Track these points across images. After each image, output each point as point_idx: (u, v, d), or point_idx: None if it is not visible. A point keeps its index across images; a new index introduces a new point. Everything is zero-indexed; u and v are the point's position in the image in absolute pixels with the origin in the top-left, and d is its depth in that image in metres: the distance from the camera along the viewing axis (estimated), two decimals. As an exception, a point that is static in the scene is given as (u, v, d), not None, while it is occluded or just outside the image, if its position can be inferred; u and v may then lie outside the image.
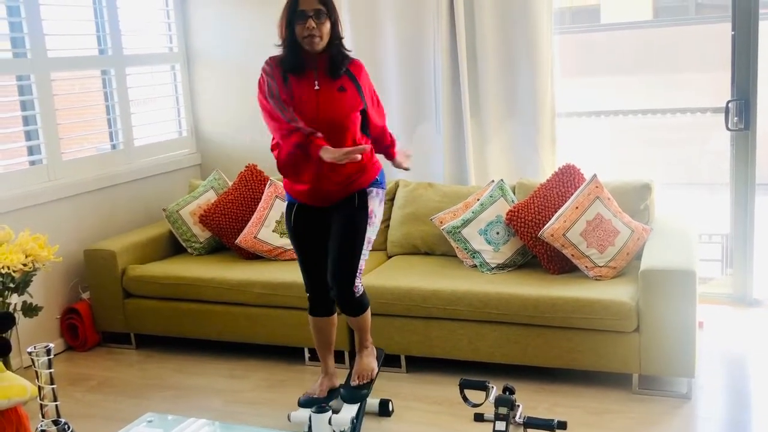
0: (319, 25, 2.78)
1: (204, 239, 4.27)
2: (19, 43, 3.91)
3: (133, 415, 3.22)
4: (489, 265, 3.68)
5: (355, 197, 2.94)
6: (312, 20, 2.77)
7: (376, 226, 3.01)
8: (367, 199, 2.96)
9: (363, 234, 2.94)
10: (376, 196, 2.99)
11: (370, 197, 2.97)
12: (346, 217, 2.95)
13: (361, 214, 2.94)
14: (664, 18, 5.60)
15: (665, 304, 3.12)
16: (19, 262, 3.33)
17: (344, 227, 2.94)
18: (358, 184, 2.94)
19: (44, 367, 1.87)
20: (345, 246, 2.93)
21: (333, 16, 2.83)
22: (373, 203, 2.98)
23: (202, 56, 4.90)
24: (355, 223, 2.94)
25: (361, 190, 2.95)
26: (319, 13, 2.78)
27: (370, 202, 2.97)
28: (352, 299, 2.99)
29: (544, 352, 3.33)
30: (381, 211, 3.04)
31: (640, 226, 3.57)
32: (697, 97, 4.39)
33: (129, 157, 4.54)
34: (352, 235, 2.93)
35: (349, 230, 2.94)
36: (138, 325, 4.05)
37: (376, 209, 2.99)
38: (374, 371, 3.14)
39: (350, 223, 2.94)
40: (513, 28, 4.09)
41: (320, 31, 2.79)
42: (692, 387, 3.22)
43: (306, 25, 2.77)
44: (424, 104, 4.33)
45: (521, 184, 3.93)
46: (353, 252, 2.93)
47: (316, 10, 2.77)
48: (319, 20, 2.78)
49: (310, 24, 2.77)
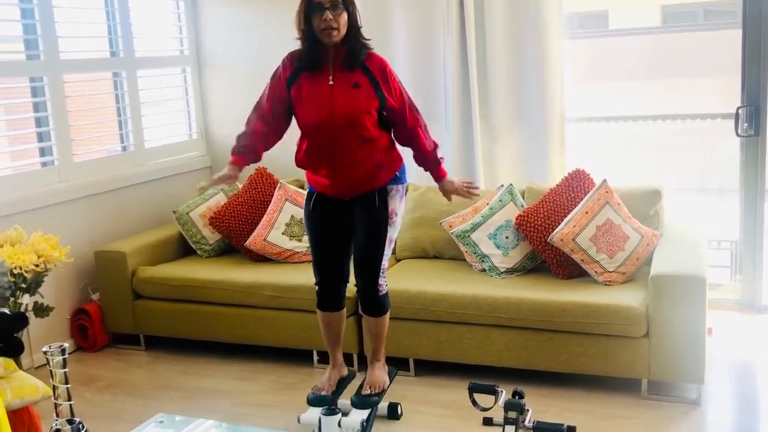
0: (336, 16, 2.78)
1: (214, 241, 4.29)
2: (33, 45, 3.94)
3: (141, 416, 3.23)
4: (498, 269, 3.68)
5: (375, 195, 2.95)
6: (329, 12, 2.77)
7: (398, 224, 3.03)
8: (387, 197, 2.96)
9: (385, 234, 2.96)
10: (396, 194, 2.99)
11: (390, 195, 2.97)
12: (368, 217, 2.96)
13: (382, 215, 2.95)
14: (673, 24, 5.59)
15: (675, 310, 3.11)
16: (31, 262, 3.35)
17: (367, 227, 2.97)
18: (377, 181, 2.94)
19: (59, 367, 1.88)
20: (368, 246, 2.97)
21: (350, 7, 2.83)
22: (393, 202, 2.98)
23: (212, 59, 4.92)
24: (377, 224, 2.96)
25: (380, 188, 2.95)
26: (336, 5, 2.78)
27: (390, 201, 2.97)
28: (375, 297, 3.04)
29: (553, 356, 3.33)
30: (402, 207, 3.05)
31: (650, 232, 3.57)
32: (707, 103, 4.38)
33: (139, 159, 4.56)
34: (375, 235, 2.96)
35: (371, 230, 2.96)
36: (147, 327, 4.06)
37: (397, 207, 3.00)
38: (386, 384, 3.16)
39: (372, 223, 2.96)
40: (523, 33, 4.10)
41: (337, 22, 2.78)
42: (701, 393, 3.21)
43: (323, 17, 2.77)
44: (433, 108, 4.34)
45: (530, 189, 3.93)
46: (376, 252, 2.97)
47: (332, 2, 2.77)
48: (335, 11, 2.78)
49: (326, 16, 2.77)
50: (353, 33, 2.85)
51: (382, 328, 3.14)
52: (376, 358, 3.19)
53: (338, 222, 3.03)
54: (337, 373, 3.20)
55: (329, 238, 3.05)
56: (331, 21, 2.77)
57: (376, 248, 2.97)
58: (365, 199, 2.96)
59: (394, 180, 2.99)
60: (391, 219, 2.98)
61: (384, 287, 3.05)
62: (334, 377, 3.19)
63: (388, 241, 2.98)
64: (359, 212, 2.99)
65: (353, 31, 2.85)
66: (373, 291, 3.03)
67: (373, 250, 2.97)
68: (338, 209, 3.01)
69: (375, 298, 3.04)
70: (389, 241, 2.99)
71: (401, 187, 3.02)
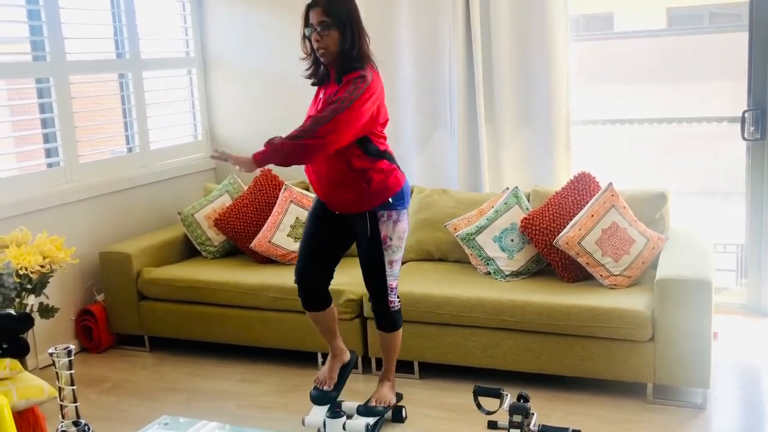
0: (324, 36, 2.78)
1: (218, 243, 4.29)
2: (39, 47, 3.95)
3: (146, 418, 3.24)
4: (503, 272, 3.67)
5: (367, 220, 2.92)
6: (316, 33, 2.78)
7: (396, 247, 2.96)
8: (378, 224, 2.92)
9: (381, 258, 2.94)
10: (388, 220, 2.91)
11: (381, 222, 2.92)
12: (362, 242, 2.97)
13: (374, 242, 2.93)
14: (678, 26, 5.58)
15: (680, 314, 3.11)
16: (37, 263, 3.36)
17: (363, 251, 2.98)
18: (363, 204, 2.90)
19: (65, 369, 1.87)
20: (368, 274, 3.00)
21: (341, 27, 2.77)
22: (384, 228, 2.91)
23: (218, 61, 4.92)
24: (371, 250, 2.95)
25: (371, 212, 2.91)
26: (324, 25, 2.77)
27: (381, 227, 2.92)
28: (386, 313, 3.05)
29: (559, 360, 3.33)
30: (400, 230, 2.95)
31: (656, 235, 3.57)
32: (713, 106, 4.38)
33: (145, 161, 4.57)
34: (372, 261, 2.96)
35: (367, 256, 2.97)
36: (152, 328, 4.06)
37: (390, 233, 2.92)
38: (392, 402, 3.16)
39: (366, 250, 2.96)
40: (529, 35, 4.09)
41: (324, 42, 2.78)
42: (707, 397, 3.20)
43: (313, 38, 2.80)
44: (439, 110, 4.34)
45: (536, 192, 3.93)
46: (377, 278, 2.98)
47: (320, 22, 2.77)
48: (323, 32, 2.77)
49: (314, 37, 2.79)
50: (342, 52, 2.79)
51: (394, 343, 3.13)
52: (386, 377, 3.19)
53: (331, 228, 3.03)
54: (338, 362, 3.21)
55: (318, 240, 3.05)
56: (318, 42, 2.78)
57: (375, 271, 2.97)
58: (357, 220, 2.94)
59: (385, 206, 2.91)
60: (385, 244, 2.93)
61: (396, 304, 3.05)
62: (336, 367, 3.19)
63: (388, 264, 2.96)
64: (356, 233, 2.99)
65: (343, 50, 2.78)
66: (384, 308, 3.03)
67: (374, 273, 2.98)
68: (335, 217, 3.01)
69: (386, 314, 3.05)
70: (389, 263, 2.96)
71: (395, 213, 2.92)
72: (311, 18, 2.80)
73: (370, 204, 2.89)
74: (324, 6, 2.77)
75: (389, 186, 2.90)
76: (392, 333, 3.10)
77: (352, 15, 2.82)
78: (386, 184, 2.89)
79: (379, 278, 2.98)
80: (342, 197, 2.92)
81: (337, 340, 3.22)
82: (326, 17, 2.76)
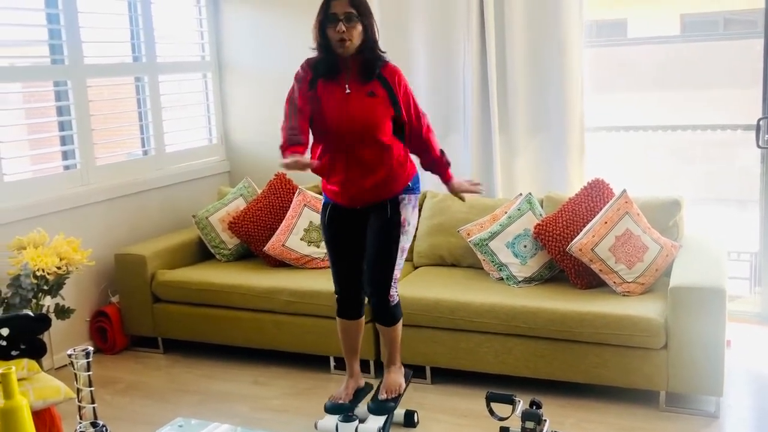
0: (349, 28, 2.80)
1: (232, 246, 4.31)
2: (58, 50, 3.99)
3: (159, 419, 3.25)
4: (516, 278, 3.68)
5: (387, 205, 2.96)
6: (342, 23, 2.79)
7: (410, 233, 3.02)
8: (399, 207, 2.97)
9: (396, 244, 2.96)
10: (408, 203, 2.99)
11: (402, 205, 2.97)
12: (380, 226, 2.97)
13: (393, 224, 2.96)
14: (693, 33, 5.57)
15: (694, 322, 3.10)
16: (53, 265, 3.39)
17: (378, 237, 2.97)
18: (388, 191, 2.96)
19: (83, 370, 1.90)
20: (379, 256, 2.97)
21: (365, 20, 2.83)
22: (405, 211, 2.98)
23: (233, 65, 4.95)
24: (389, 233, 2.96)
25: (393, 197, 2.97)
26: (350, 17, 2.79)
27: (402, 210, 2.97)
28: (386, 307, 3.03)
29: (571, 366, 3.33)
30: (415, 216, 3.04)
31: (669, 243, 3.56)
32: (728, 113, 4.37)
33: (160, 163, 4.60)
34: (386, 245, 2.96)
35: (382, 240, 2.96)
36: (166, 330, 4.09)
37: (409, 217, 3.00)
38: (402, 387, 3.16)
39: (383, 233, 2.96)
40: (543, 41, 4.10)
41: (350, 34, 2.80)
42: (720, 406, 3.19)
43: (337, 28, 2.80)
44: (452, 116, 4.35)
45: (549, 198, 3.93)
46: (387, 262, 2.97)
47: (346, 14, 2.79)
48: (349, 23, 2.79)
49: (340, 27, 2.79)
50: (369, 45, 2.86)
51: (396, 335, 3.14)
52: (391, 362, 3.20)
53: (353, 231, 3.04)
54: (354, 383, 3.22)
55: (345, 248, 3.07)
56: (344, 33, 2.79)
57: (388, 258, 2.97)
58: (378, 209, 2.97)
59: (407, 190, 2.99)
60: (403, 227, 2.97)
61: (395, 297, 3.05)
62: (352, 387, 3.20)
63: (400, 251, 2.98)
64: (372, 221, 3.00)
65: (369, 43, 2.86)
66: (384, 301, 3.02)
67: (385, 259, 2.97)
68: (352, 218, 3.02)
69: (386, 308, 3.05)
70: (401, 250, 2.99)
71: (414, 197, 3.02)
72: (334, 8, 2.80)
73: (397, 188, 2.95)
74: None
75: (409, 166, 2.99)
76: (393, 326, 3.11)
77: (369, 7, 2.88)
78: (407, 164, 2.98)
79: (387, 267, 2.97)
80: (373, 181, 2.91)
81: (357, 361, 3.24)
82: (352, 8, 2.80)
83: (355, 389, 3.21)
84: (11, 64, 4.00)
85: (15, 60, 4.12)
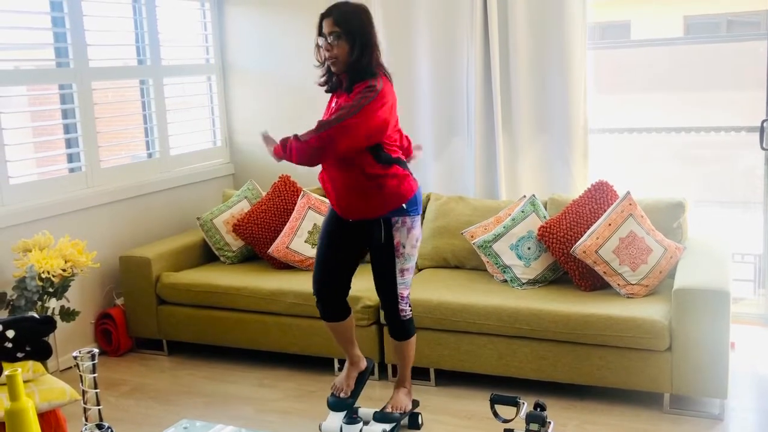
0: (334, 47, 2.81)
1: (237, 248, 4.32)
2: (63, 53, 4.00)
3: (164, 421, 3.27)
4: (520, 280, 3.68)
5: (381, 224, 2.93)
6: (326, 42, 2.82)
7: (409, 255, 2.98)
8: (392, 230, 2.94)
9: (392, 266, 2.96)
10: (402, 226, 2.93)
11: (395, 228, 2.93)
12: (375, 248, 2.99)
13: (387, 250, 2.95)
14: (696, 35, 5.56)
15: (698, 324, 3.10)
16: (59, 267, 3.41)
17: (376, 258, 3.01)
18: (371, 210, 2.93)
19: (88, 372, 1.90)
20: (379, 277, 3.02)
21: (352, 38, 2.80)
22: (399, 234, 2.93)
23: (237, 67, 4.97)
24: (384, 257, 2.97)
25: (386, 218, 2.93)
26: (335, 35, 2.81)
27: (395, 233, 2.93)
28: (397, 322, 3.06)
29: (575, 368, 3.33)
30: (412, 237, 2.97)
31: (673, 245, 3.56)
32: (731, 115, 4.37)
33: (165, 166, 4.62)
34: (384, 268, 2.99)
35: (381, 262, 2.99)
36: (170, 332, 4.10)
37: (403, 239, 2.94)
38: (408, 408, 3.17)
39: (380, 256, 2.98)
40: (546, 43, 4.10)
41: (334, 53, 2.82)
42: (724, 408, 3.19)
43: (323, 47, 2.84)
44: (456, 118, 4.35)
45: (553, 200, 3.94)
46: (388, 286, 3.01)
47: (331, 32, 2.81)
48: (335, 42, 2.81)
49: (325, 46, 2.83)
50: (352, 63, 2.82)
51: (407, 351, 3.15)
52: (402, 384, 3.20)
53: (347, 239, 3.05)
54: (355, 369, 3.23)
55: (334, 249, 3.07)
56: (328, 50, 2.82)
57: (386, 279, 2.99)
58: (370, 226, 2.96)
59: (399, 212, 2.92)
60: (398, 251, 2.95)
61: (407, 313, 3.06)
62: (353, 375, 3.22)
63: (399, 272, 2.97)
64: (369, 239, 2.99)
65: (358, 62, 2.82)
66: (395, 317, 3.05)
67: (385, 280, 3.00)
68: (349, 227, 3.03)
69: (398, 323, 3.07)
70: (400, 272, 2.97)
71: (408, 220, 2.94)
72: (324, 27, 2.84)
73: (385, 209, 2.91)
74: (335, 17, 2.81)
75: (403, 192, 2.92)
76: (405, 342, 3.12)
77: (364, 27, 2.85)
78: (400, 189, 2.92)
79: (390, 287, 3.00)
80: (356, 204, 2.94)
81: (355, 349, 3.24)
82: (337, 27, 2.80)
83: (357, 375, 3.22)
84: (16, 67, 4.02)
85: (20, 63, 4.14)
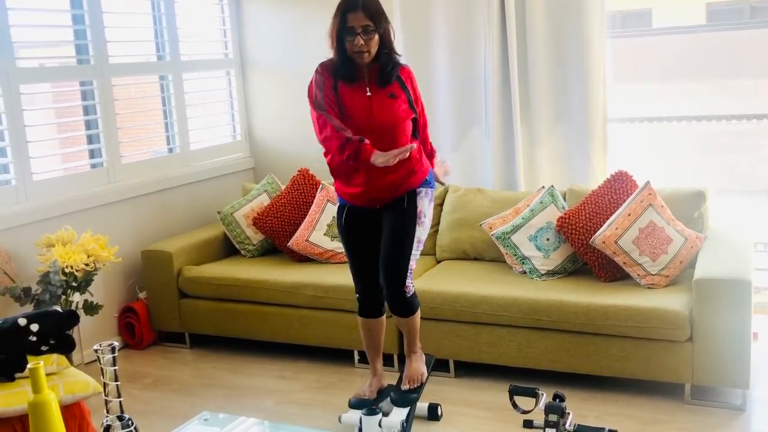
0: (367, 41, 2.83)
1: (257, 242, 4.36)
2: (83, 50, 4.05)
3: (186, 413, 3.31)
4: (539, 271, 3.67)
5: (405, 198, 2.98)
6: (360, 37, 2.82)
7: (426, 225, 3.04)
8: (416, 199, 3.00)
9: (412, 234, 2.98)
10: (425, 196, 3.03)
11: (419, 197, 3.01)
12: (397, 218, 3.00)
13: (410, 215, 2.99)
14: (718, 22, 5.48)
15: (719, 314, 3.08)
16: (82, 261, 3.46)
17: (394, 228, 3.00)
18: (408, 186, 2.99)
19: (109, 365, 1.94)
20: (395, 246, 2.99)
21: (381, 29, 2.85)
22: (422, 203, 3.01)
23: (256, 62, 4.99)
24: (405, 224, 2.98)
25: (410, 191, 2.99)
26: (367, 29, 2.82)
27: (419, 202, 3.00)
28: (402, 299, 3.03)
29: (595, 360, 3.32)
30: (431, 210, 3.07)
31: (694, 234, 3.53)
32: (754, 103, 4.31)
33: (185, 161, 4.66)
34: (402, 236, 2.98)
35: (398, 231, 2.98)
36: (192, 325, 4.14)
37: (426, 209, 3.03)
38: (424, 375, 3.17)
39: (400, 224, 2.99)
40: (565, 32, 4.07)
41: (368, 46, 2.83)
42: (746, 398, 3.17)
43: (354, 41, 2.83)
44: (474, 109, 4.34)
45: (572, 191, 3.92)
46: (403, 252, 2.98)
47: (364, 27, 2.81)
48: (366, 36, 2.82)
49: (358, 41, 2.82)
50: (385, 52, 2.90)
51: (414, 324, 3.15)
52: (411, 350, 3.21)
53: (371, 232, 3.06)
54: (377, 382, 3.23)
55: (364, 250, 3.08)
56: (362, 46, 2.82)
57: (404, 249, 2.99)
58: (395, 203, 3.00)
59: (424, 183, 3.03)
60: (420, 219, 3.00)
61: (411, 288, 3.05)
62: (375, 386, 3.22)
63: (416, 242, 3.00)
64: (388, 216, 3.02)
65: (385, 50, 2.89)
66: (401, 293, 3.02)
67: (401, 250, 2.99)
68: (370, 219, 3.05)
69: (403, 300, 3.05)
70: (417, 241, 3.01)
71: (430, 191, 3.06)
72: (351, 21, 2.82)
73: (416, 182, 2.99)
74: (366, 11, 2.81)
75: (425, 162, 3.05)
76: (411, 316, 3.11)
77: (384, 13, 2.89)
78: (423, 160, 3.04)
79: (403, 257, 2.98)
80: (393, 179, 2.94)
81: (380, 362, 3.25)
82: (370, 21, 2.81)
83: (378, 388, 3.22)
84: (41, 65, 4.07)
85: (44, 61, 4.19)
